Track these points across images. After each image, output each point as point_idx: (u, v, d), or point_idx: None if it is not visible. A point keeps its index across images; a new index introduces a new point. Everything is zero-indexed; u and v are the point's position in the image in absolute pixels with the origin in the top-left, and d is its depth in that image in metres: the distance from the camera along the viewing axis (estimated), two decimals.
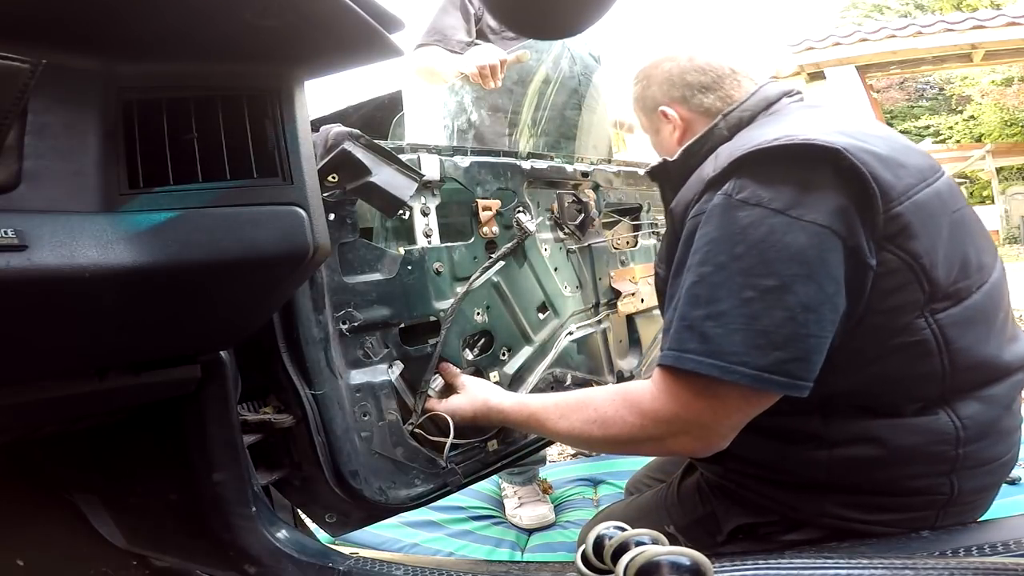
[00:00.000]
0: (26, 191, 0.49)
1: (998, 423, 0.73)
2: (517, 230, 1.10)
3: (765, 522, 0.82)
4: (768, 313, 0.64)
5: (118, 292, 0.54)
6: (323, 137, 0.80)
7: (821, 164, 0.66)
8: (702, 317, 0.67)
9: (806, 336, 0.64)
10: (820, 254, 0.64)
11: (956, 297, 0.69)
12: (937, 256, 0.68)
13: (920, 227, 0.66)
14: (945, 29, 5.92)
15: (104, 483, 0.84)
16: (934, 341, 0.68)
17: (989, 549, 0.66)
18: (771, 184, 0.67)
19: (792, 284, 0.64)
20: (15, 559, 0.82)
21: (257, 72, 0.63)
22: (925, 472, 0.72)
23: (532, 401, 0.89)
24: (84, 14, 0.50)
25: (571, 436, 0.82)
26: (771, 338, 0.64)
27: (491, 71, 1.49)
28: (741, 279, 0.65)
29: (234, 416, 0.73)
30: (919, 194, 0.68)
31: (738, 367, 0.64)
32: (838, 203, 0.65)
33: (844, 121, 0.74)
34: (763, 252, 0.65)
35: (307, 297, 0.81)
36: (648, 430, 0.72)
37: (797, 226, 0.65)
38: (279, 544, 0.77)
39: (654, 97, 0.93)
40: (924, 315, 0.68)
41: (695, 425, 0.70)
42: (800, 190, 0.66)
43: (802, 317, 0.64)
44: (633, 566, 0.52)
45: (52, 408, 0.62)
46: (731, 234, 0.67)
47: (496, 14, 1.16)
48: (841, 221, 0.65)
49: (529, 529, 1.60)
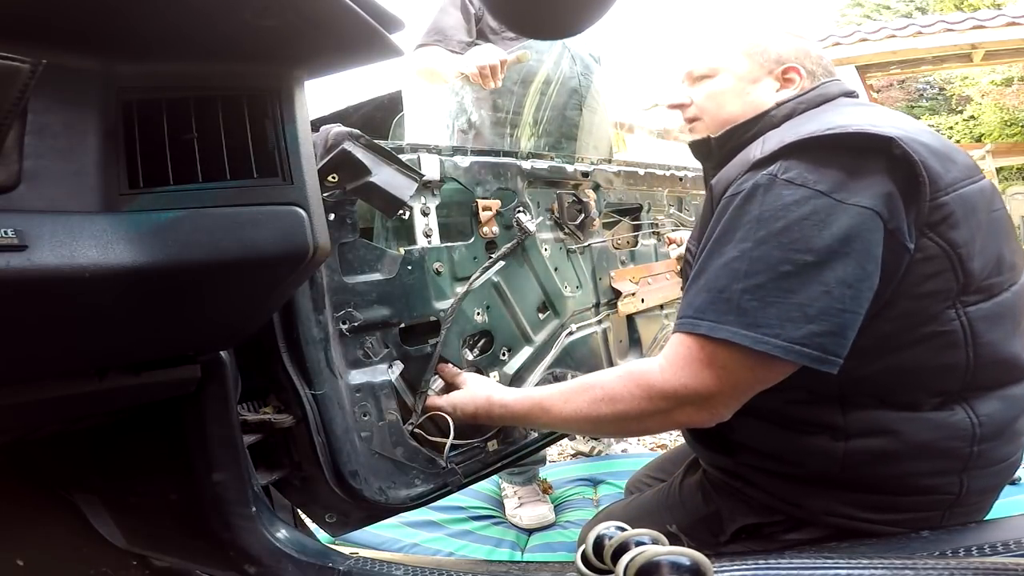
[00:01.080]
0: (26, 191, 0.49)
1: (1014, 424, 0.74)
2: (517, 230, 1.10)
3: (769, 522, 0.81)
4: (804, 288, 0.65)
5: (118, 292, 0.54)
6: (323, 137, 0.80)
7: (872, 152, 0.67)
8: (740, 290, 0.67)
9: (841, 311, 0.65)
10: (861, 234, 0.65)
11: (988, 292, 0.70)
12: (974, 248, 0.68)
13: (962, 218, 0.67)
14: (945, 29, 5.91)
15: (104, 483, 0.84)
16: (962, 333, 0.69)
17: (989, 549, 0.66)
18: (818, 168, 0.67)
19: (831, 261, 0.65)
20: (15, 559, 0.82)
21: (257, 72, 0.63)
22: (938, 469, 0.72)
23: (534, 392, 0.90)
24: (84, 14, 0.50)
25: (577, 418, 0.81)
26: (805, 311, 0.64)
27: (491, 71, 1.49)
28: (779, 254, 0.66)
29: (234, 416, 0.73)
30: (965, 188, 0.69)
31: (771, 338, 0.65)
32: (885, 189, 0.66)
33: (897, 117, 0.76)
34: (804, 230, 0.66)
35: (307, 297, 0.81)
36: (656, 403, 0.73)
37: (840, 208, 0.65)
38: (279, 544, 0.77)
39: (780, 51, 0.88)
40: (955, 306, 0.69)
41: (701, 395, 0.70)
42: (847, 175, 0.67)
43: (838, 292, 0.64)
44: (633, 566, 0.52)
45: (52, 408, 0.62)
46: (774, 211, 0.67)
47: (496, 14, 1.16)
48: (885, 204, 0.66)
49: (529, 529, 1.61)
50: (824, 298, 0.65)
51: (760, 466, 0.81)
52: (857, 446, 0.72)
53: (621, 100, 2.01)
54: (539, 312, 1.16)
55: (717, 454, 0.87)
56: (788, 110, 0.83)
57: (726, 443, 0.84)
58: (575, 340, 1.22)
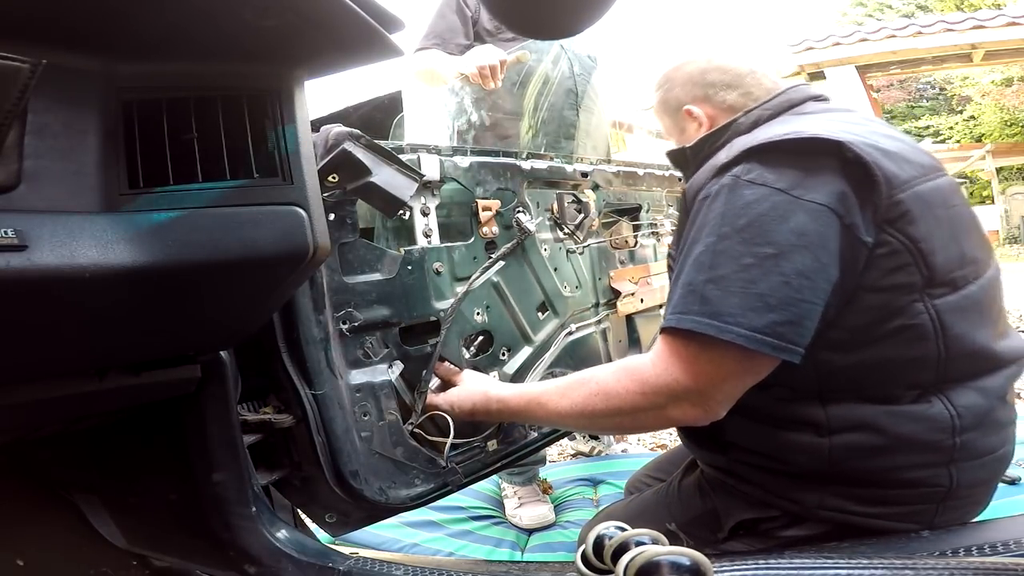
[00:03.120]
0: (26, 191, 0.49)
1: (992, 413, 0.75)
2: (517, 230, 1.10)
3: (766, 517, 0.82)
4: (765, 278, 0.68)
5: (118, 292, 0.54)
6: (323, 137, 0.80)
7: (826, 155, 0.70)
8: (703, 281, 0.71)
9: (799, 301, 0.68)
10: (817, 228, 0.69)
11: (953, 285, 0.72)
12: (935, 243, 0.71)
13: (919, 215, 0.70)
14: (945, 29, 5.91)
15: (104, 483, 0.84)
16: (931, 325, 0.71)
17: (989, 549, 0.66)
18: (777, 169, 0.71)
19: (789, 253, 0.68)
20: (15, 559, 0.82)
21: (257, 72, 0.63)
22: (924, 462, 0.73)
23: (531, 387, 0.91)
24: (84, 14, 0.50)
25: (573, 413, 0.82)
26: (767, 301, 0.68)
27: (491, 72, 1.49)
28: (742, 248, 0.70)
29: (234, 416, 0.73)
30: (920, 185, 0.72)
31: (733, 327, 0.68)
32: (839, 188, 0.70)
33: (858, 122, 0.79)
34: (763, 224, 0.69)
35: (307, 297, 0.81)
36: (649, 398, 0.75)
37: (797, 204, 0.69)
38: (279, 544, 0.77)
39: (678, 98, 0.96)
40: (922, 299, 0.71)
41: (693, 391, 0.72)
42: (803, 175, 0.71)
43: (796, 283, 0.68)
44: (633, 566, 0.52)
45: (52, 408, 0.62)
46: (736, 208, 0.71)
47: (495, 14, 1.17)
48: (839, 202, 0.69)
49: (529, 529, 1.60)
50: (783, 288, 0.68)
51: (752, 463, 0.82)
52: (841, 441, 0.74)
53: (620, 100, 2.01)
54: (538, 312, 1.16)
55: (711, 452, 0.88)
56: (755, 117, 0.86)
57: (718, 442, 0.85)
58: (574, 340, 1.22)
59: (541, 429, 1.14)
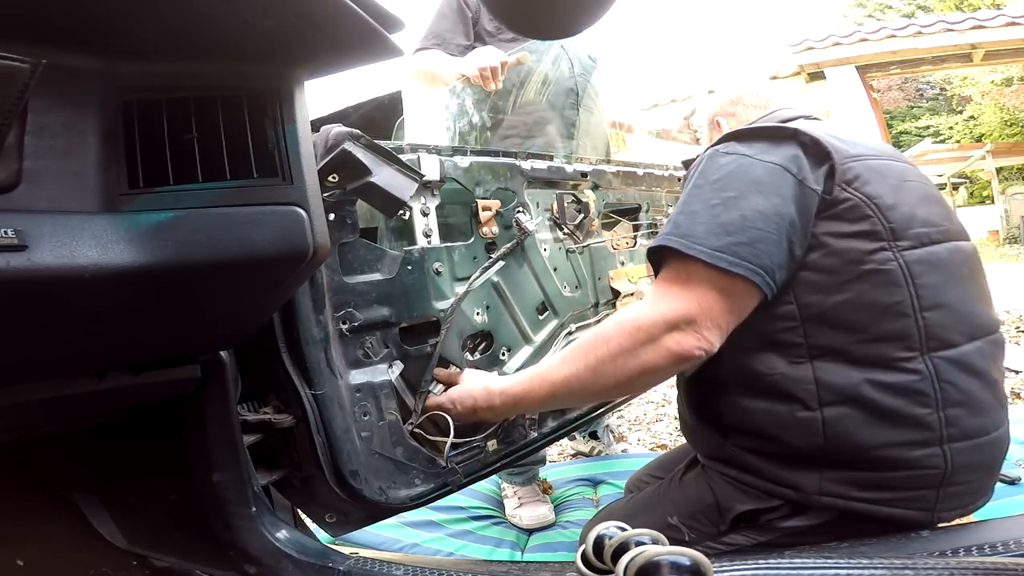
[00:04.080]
0: (26, 191, 0.49)
1: (972, 390, 0.78)
2: (517, 230, 1.10)
3: (767, 508, 0.83)
4: (726, 212, 0.81)
5: (118, 292, 0.54)
6: (323, 137, 0.80)
7: (788, 138, 0.86)
8: (678, 214, 0.85)
9: (752, 228, 0.79)
10: (772, 180, 0.83)
11: (918, 240, 0.81)
12: (890, 200, 0.81)
13: (872, 179, 0.82)
14: (945, 29, 5.91)
15: (104, 483, 0.84)
16: (900, 273, 0.78)
17: (989, 549, 0.66)
18: (747, 143, 0.88)
19: (747, 195, 0.82)
20: (15, 559, 0.82)
21: (257, 72, 0.63)
22: (915, 440, 0.75)
23: (527, 371, 0.93)
24: (84, 14, 0.50)
25: (575, 372, 0.85)
26: (726, 228, 0.80)
27: (492, 73, 1.49)
28: (710, 192, 0.85)
29: (234, 416, 0.73)
30: (871, 160, 0.85)
31: (697, 245, 0.79)
32: (794, 153, 0.84)
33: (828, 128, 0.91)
34: (731, 175, 0.85)
35: (307, 297, 0.81)
36: (645, 330, 0.80)
37: (758, 163, 0.84)
38: (279, 544, 0.77)
39: (715, 110, 1.19)
40: (890, 249, 0.79)
41: (683, 318, 0.79)
42: (767, 146, 0.86)
43: (751, 215, 0.80)
44: (633, 566, 0.52)
45: (52, 408, 0.62)
46: (711, 169, 0.87)
47: (496, 14, 1.17)
48: (792, 163, 0.83)
49: (529, 529, 1.60)
50: (740, 220, 0.80)
51: (751, 447, 0.84)
52: (832, 414, 0.78)
53: (619, 100, 2.01)
54: (538, 312, 1.16)
55: (711, 440, 0.90)
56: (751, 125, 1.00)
57: (718, 426, 0.88)
58: (574, 340, 1.22)
59: (541, 429, 1.14)
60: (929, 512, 0.76)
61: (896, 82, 15.00)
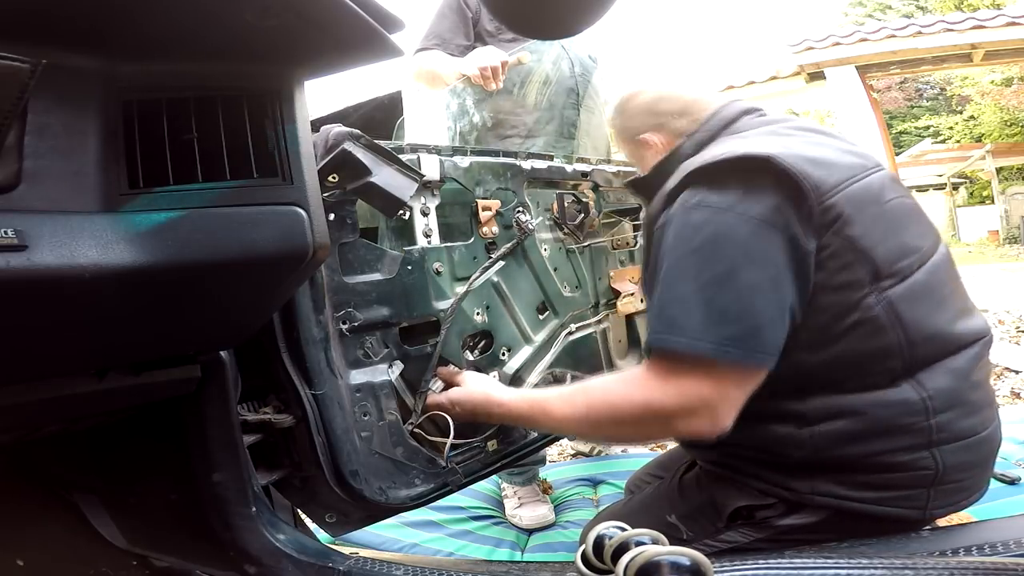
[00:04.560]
0: (26, 191, 0.49)
1: (963, 394, 0.78)
2: (517, 230, 1.10)
3: (762, 505, 0.83)
4: (720, 295, 0.75)
5: (118, 292, 0.54)
6: (323, 137, 0.80)
7: (758, 171, 0.76)
8: (666, 302, 0.78)
9: (754, 312, 0.74)
10: (760, 244, 0.75)
11: (899, 275, 0.77)
12: (874, 238, 0.76)
13: (854, 214, 0.76)
14: (945, 29, 5.90)
15: (104, 483, 0.84)
16: (886, 316, 0.75)
17: (989, 549, 0.66)
18: (717, 189, 0.78)
19: (739, 269, 0.74)
20: (15, 559, 0.82)
21: (257, 72, 0.63)
22: (904, 446, 0.75)
23: (533, 393, 0.92)
24: (84, 14, 0.50)
25: (576, 421, 0.84)
26: (724, 315, 0.74)
27: (493, 72, 1.49)
28: (696, 268, 0.76)
29: (234, 416, 0.73)
30: (850, 187, 0.77)
31: (698, 341, 0.74)
32: (774, 202, 0.75)
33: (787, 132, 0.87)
34: (714, 243, 0.76)
35: (307, 297, 0.81)
36: (654, 406, 0.77)
37: (740, 221, 0.75)
38: (279, 544, 0.77)
39: (634, 128, 1.03)
40: (872, 293, 0.75)
41: (699, 405, 0.75)
42: (741, 193, 0.76)
43: (748, 296, 0.74)
44: (633, 566, 0.52)
45: (52, 408, 0.62)
46: (687, 232, 0.78)
47: (496, 14, 1.17)
48: (777, 214, 0.75)
49: (529, 529, 1.60)
50: (737, 302, 0.74)
51: (744, 455, 0.84)
52: (822, 430, 0.77)
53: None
54: (539, 312, 1.16)
55: (702, 450, 0.91)
56: (697, 140, 0.93)
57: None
58: (575, 340, 1.23)
59: (540, 430, 1.14)
60: (922, 510, 0.77)
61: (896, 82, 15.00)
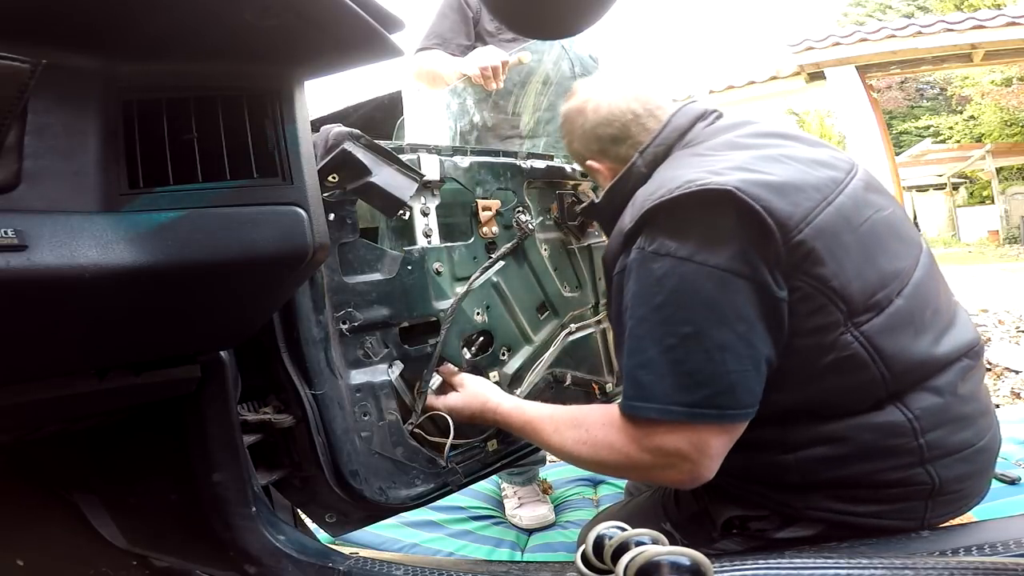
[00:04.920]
0: (26, 191, 0.49)
1: (952, 409, 0.75)
2: (517, 230, 1.10)
3: (756, 516, 0.83)
4: (689, 357, 0.70)
5: (118, 292, 0.54)
6: (323, 137, 0.80)
7: (718, 207, 0.70)
8: (635, 366, 0.74)
9: (726, 372, 0.70)
10: (727, 297, 0.70)
11: (877, 308, 0.72)
12: (847, 275, 0.71)
13: (824, 251, 0.70)
14: (945, 29, 5.91)
15: (104, 483, 0.84)
16: (865, 352, 0.71)
17: (989, 549, 0.66)
18: (676, 234, 0.72)
19: (707, 329, 0.70)
20: (15, 559, 0.82)
21: (257, 72, 0.63)
22: (893, 465, 0.73)
23: (528, 408, 0.91)
24: (85, 14, 0.50)
25: (562, 451, 0.85)
26: (695, 378, 0.70)
27: (493, 72, 1.49)
28: (661, 329, 0.72)
29: (234, 416, 0.73)
30: (818, 217, 0.71)
31: (672, 407, 0.70)
32: (738, 246, 0.69)
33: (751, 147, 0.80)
34: (678, 301, 0.71)
35: (307, 297, 0.81)
36: (633, 459, 0.76)
37: (703, 272, 0.70)
38: (279, 544, 0.77)
39: (579, 152, 1.01)
40: (848, 331, 0.71)
41: (676, 459, 0.73)
42: (702, 236, 0.71)
43: (719, 356, 0.70)
44: (633, 566, 0.52)
45: (52, 408, 0.62)
46: (648, 286, 0.73)
47: (496, 14, 1.17)
48: (743, 262, 0.69)
49: (529, 529, 1.60)
50: (708, 364, 0.70)
51: (735, 476, 0.82)
52: (805, 456, 0.75)
53: None
54: (538, 312, 1.16)
55: None
56: (650, 157, 0.88)
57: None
58: (574, 340, 1.22)
59: None
60: (920, 520, 0.75)
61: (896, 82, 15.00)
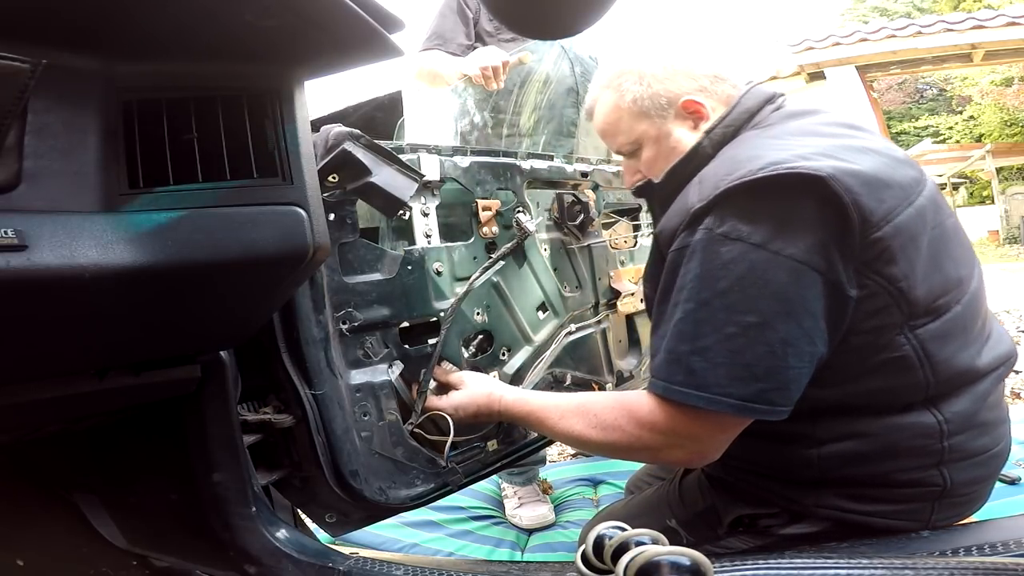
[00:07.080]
0: (26, 191, 0.49)
1: (978, 416, 0.75)
2: (517, 230, 1.10)
3: (765, 513, 0.83)
4: (750, 348, 0.67)
5: (118, 292, 0.54)
6: (323, 137, 0.80)
7: (803, 195, 0.65)
8: (688, 352, 0.70)
9: (785, 368, 0.67)
10: (799, 291, 0.66)
11: (936, 313, 0.71)
12: (916, 278, 0.69)
13: (899, 250, 0.67)
14: (945, 29, 5.91)
15: (104, 483, 0.84)
16: (915, 356, 0.70)
17: (989, 549, 0.66)
18: (751, 218, 0.67)
19: (772, 321, 0.66)
20: (15, 559, 0.82)
21: (257, 72, 0.63)
22: (914, 465, 0.74)
23: (533, 398, 0.90)
24: (84, 14, 0.50)
25: (570, 437, 0.84)
26: (753, 371, 0.67)
27: (494, 72, 1.49)
28: (724, 315, 0.68)
29: (234, 416, 0.73)
30: (900, 216, 0.68)
31: (722, 398, 0.68)
32: (817, 238, 0.66)
33: (830, 135, 0.75)
34: (744, 288, 0.67)
35: (307, 297, 0.81)
36: (644, 440, 0.75)
37: (776, 262, 0.66)
38: (279, 544, 0.77)
39: (670, 92, 0.85)
40: (904, 332, 0.70)
41: (688, 439, 0.73)
42: (779, 224, 0.66)
43: (781, 351, 0.67)
44: (633, 566, 0.52)
45: (52, 408, 0.62)
46: (714, 269, 0.68)
47: (496, 14, 1.17)
48: (820, 256, 0.66)
49: (529, 529, 1.60)
50: (768, 358, 0.67)
51: (749, 469, 0.83)
52: (830, 451, 0.75)
53: None
54: (539, 312, 1.16)
55: None
56: (718, 137, 0.81)
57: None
58: (574, 340, 1.22)
59: None
60: (925, 522, 0.76)
61: (896, 82, 15.00)
